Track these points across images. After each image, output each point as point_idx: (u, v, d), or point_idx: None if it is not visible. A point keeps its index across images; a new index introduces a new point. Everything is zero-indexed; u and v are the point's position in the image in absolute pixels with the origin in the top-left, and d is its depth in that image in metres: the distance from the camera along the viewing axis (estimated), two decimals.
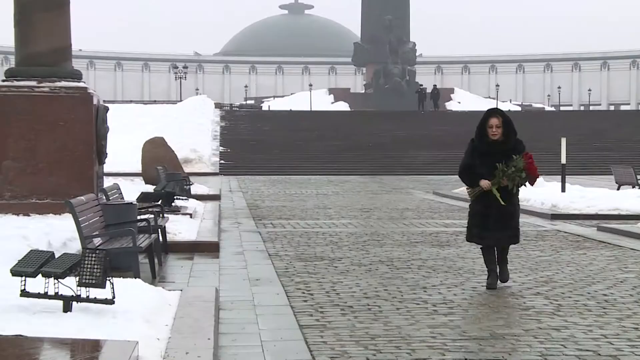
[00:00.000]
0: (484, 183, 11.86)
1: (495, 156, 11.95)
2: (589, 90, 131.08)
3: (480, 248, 12.78)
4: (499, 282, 12.50)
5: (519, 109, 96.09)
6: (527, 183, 12.20)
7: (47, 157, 20.73)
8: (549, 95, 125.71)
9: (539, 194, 27.41)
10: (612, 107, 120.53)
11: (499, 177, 11.68)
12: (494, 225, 12.18)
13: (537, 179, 12.47)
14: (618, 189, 31.33)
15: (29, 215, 18.50)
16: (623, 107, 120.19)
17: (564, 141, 29.56)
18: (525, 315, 11.09)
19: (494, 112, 12.54)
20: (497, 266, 12.51)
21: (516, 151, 11.92)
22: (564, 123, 64.05)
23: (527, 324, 10.55)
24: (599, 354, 9.04)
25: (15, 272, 9.52)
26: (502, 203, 11.80)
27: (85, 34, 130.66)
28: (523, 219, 24.20)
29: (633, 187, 30.93)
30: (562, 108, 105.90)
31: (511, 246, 17.35)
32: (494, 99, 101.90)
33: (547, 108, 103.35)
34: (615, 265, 15.68)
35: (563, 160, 29.19)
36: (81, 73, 22.99)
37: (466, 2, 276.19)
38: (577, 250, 17.84)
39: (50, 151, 20.81)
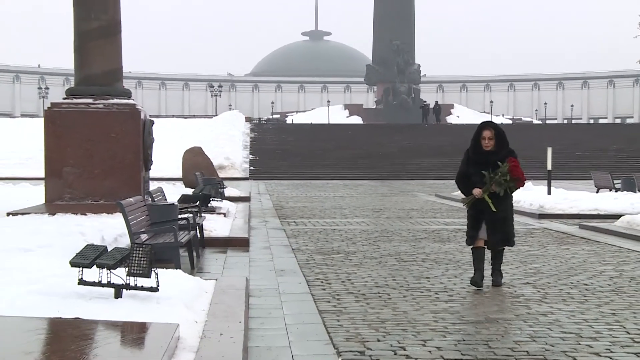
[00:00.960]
0: (476, 191, 11.50)
1: (488, 165, 11.44)
2: (572, 106, 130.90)
3: (471, 248, 12.22)
4: (492, 285, 11.96)
5: (510, 122, 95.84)
6: (515, 187, 11.61)
7: (101, 164, 20.84)
8: (536, 110, 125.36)
9: (528, 196, 27.37)
10: (591, 121, 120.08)
11: (488, 184, 11.32)
12: (488, 229, 11.70)
13: (525, 182, 11.94)
14: (597, 192, 31.23)
15: (85, 215, 18.55)
16: (601, 121, 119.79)
17: (549, 150, 29.53)
18: (516, 302, 11.08)
19: (487, 124, 12.07)
20: (492, 268, 12.02)
21: (505, 160, 11.45)
22: (550, 134, 63.81)
23: (517, 310, 10.55)
24: (581, 336, 9.07)
25: (73, 264, 9.60)
26: (494, 209, 11.38)
27: (134, 57, 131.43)
28: (515, 218, 24.05)
29: (610, 190, 30.83)
30: (548, 121, 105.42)
31: None
32: (488, 113, 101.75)
33: (535, 121, 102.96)
34: (594, 258, 15.63)
35: (549, 167, 29.13)
36: (130, 92, 23.10)
37: (464, 27, 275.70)
38: (561, 245, 17.80)
39: (104, 159, 20.91)
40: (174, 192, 24.45)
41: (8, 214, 19.38)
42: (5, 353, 6.54)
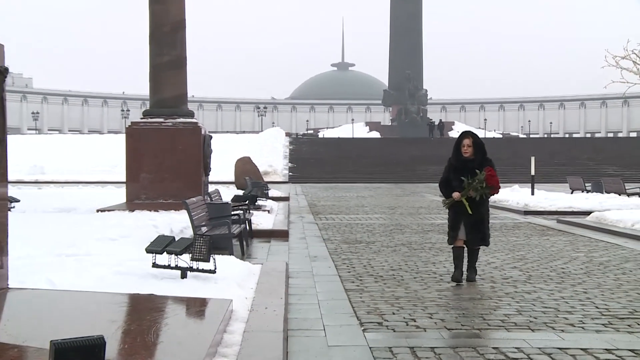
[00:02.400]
0: (455, 195, 10.55)
1: (466, 171, 10.45)
2: (550, 123, 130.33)
3: (452, 247, 11.12)
4: (465, 281, 10.84)
5: (500, 136, 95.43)
6: (492, 194, 10.68)
7: (170, 171, 20.98)
8: (522, 127, 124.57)
9: (515, 196, 27.28)
10: (567, 135, 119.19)
11: (466, 189, 10.52)
12: (466, 229, 10.68)
13: (499, 190, 10.96)
14: (571, 193, 31.02)
15: (157, 211, 18.68)
16: (575, 135, 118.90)
17: (532, 159, 29.42)
18: (505, 283, 10.99)
19: (467, 133, 11.01)
20: (465, 266, 10.92)
21: (482, 167, 10.43)
22: (533, 146, 63.41)
23: (506, 289, 10.47)
24: (558, 310, 9.01)
25: (148, 250, 9.70)
26: (470, 212, 10.46)
27: (196, 83, 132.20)
28: (505, 214, 24.27)
29: (582, 192, 30.65)
30: (531, 135, 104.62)
31: (495, 233, 17.30)
32: (483, 129, 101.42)
33: (521, 135, 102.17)
34: (570, 247, 15.50)
35: (532, 172, 29.02)
36: (193, 112, 23.26)
37: (463, 58, 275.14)
38: (542, 236, 17.66)
39: (172, 166, 21.05)
40: (228, 193, 24.52)
41: (97, 211, 19.63)
42: (95, 321, 6.59)
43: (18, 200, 20.20)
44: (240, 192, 24.82)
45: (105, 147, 57.42)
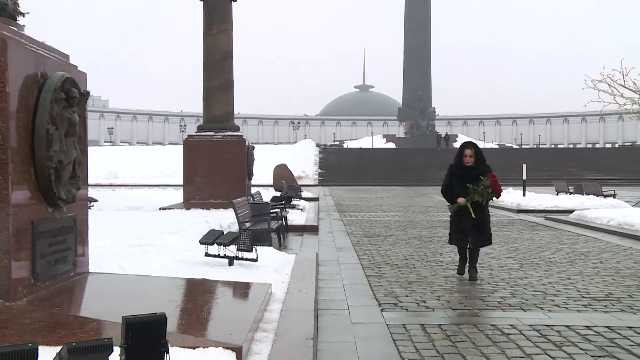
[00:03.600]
0: (461, 200, 9.84)
1: (469, 178, 9.83)
2: (539, 135, 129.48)
3: (457, 248, 10.43)
4: (468, 279, 10.00)
5: (497, 147, 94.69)
6: (493, 197, 9.98)
7: (219, 176, 21.12)
8: (515, 139, 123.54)
9: (510, 197, 27.08)
10: (553, 146, 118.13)
11: (471, 195, 9.88)
12: (471, 231, 9.91)
13: (501, 193, 10.28)
14: (557, 194, 30.72)
15: (209, 209, 18.79)
16: (560, 146, 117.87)
17: (524, 166, 29.25)
18: (501, 270, 10.92)
19: (469, 144, 10.29)
20: (469, 265, 10.14)
21: (484, 174, 9.81)
22: (524, 155, 62.90)
23: (502, 275, 10.40)
24: (546, 293, 8.95)
25: (201, 242, 9.77)
26: (473, 216, 9.78)
27: (241, 101, 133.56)
28: (501, 212, 24.14)
29: (566, 194, 30.41)
30: (523, 146, 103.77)
31: (493, 228, 17.14)
32: (482, 140, 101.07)
33: (514, 146, 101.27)
34: (555, 240, 15.38)
35: (524, 177, 28.83)
36: (239, 127, 23.40)
37: (465, 79, 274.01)
38: (532, 231, 17.54)
39: (221, 172, 21.19)
40: (267, 195, 24.60)
41: (160, 209, 19.80)
42: (158, 300, 6.62)
43: (96, 200, 20.42)
44: (278, 194, 24.87)
45: (166, 156, 57.81)
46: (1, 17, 6.07)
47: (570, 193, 30.24)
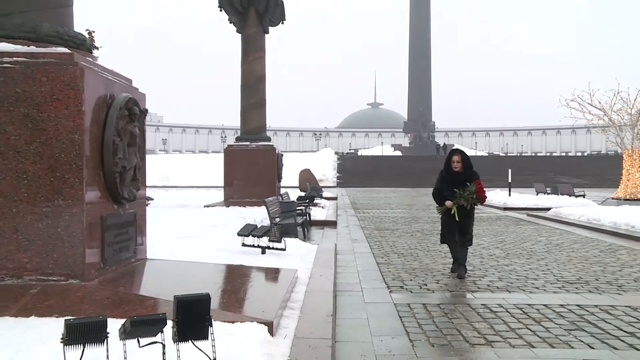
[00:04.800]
0: (448, 203, 8.94)
1: (456, 183, 8.95)
2: (522, 145, 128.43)
3: (449, 246, 9.44)
4: (457, 278, 8.99)
5: (487, 155, 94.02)
6: (477, 203, 9.07)
7: (254, 178, 21.16)
8: (502, 148, 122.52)
9: (497, 197, 26.90)
10: (533, 154, 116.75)
11: (458, 199, 8.82)
12: (457, 232, 9.01)
13: (486, 199, 9.21)
14: (537, 195, 30.39)
15: (245, 207, 18.81)
16: (539, 154, 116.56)
17: (509, 171, 29.17)
18: (490, 258, 10.86)
19: (456, 151, 9.40)
20: (459, 263, 9.22)
21: (471, 179, 8.94)
22: (510, 162, 61.98)
23: (491, 262, 10.35)
24: (527, 277, 8.91)
25: (239, 234, 9.79)
26: (457, 219, 8.88)
27: (272, 115, 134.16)
28: (490, 210, 23.99)
29: (544, 194, 30.14)
30: (508, 154, 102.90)
31: (483, 223, 17.07)
32: (474, 149, 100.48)
33: (501, 154, 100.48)
34: (536, 233, 15.25)
35: (509, 180, 28.66)
36: (270, 138, 23.43)
37: (460, 96, 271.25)
38: (516, 225, 17.41)
39: (255, 176, 21.24)
40: (294, 194, 24.61)
41: (205, 206, 19.85)
42: (203, 282, 6.66)
43: (152, 199, 20.59)
44: (303, 194, 24.89)
45: (209, 162, 58.01)
46: (80, 50, 6.15)
47: (548, 194, 30.01)
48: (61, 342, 3.35)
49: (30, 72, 5.55)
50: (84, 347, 3.37)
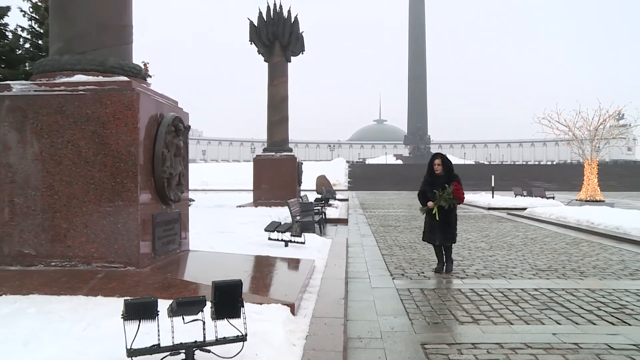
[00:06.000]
0: (430, 204, 8.28)
1: (438, 185, 8.27)
2: (502, 155, 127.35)
3: (433, 245, 8.62)
4: (445, 272, 8.39)
5: (474, 163, 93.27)
6: (457, 203, 8.29)
7: (278, 183, 21.19)
8: (486, 157, 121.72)
9: (482, 199, 26.71)
10: (512, 163, 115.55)
11: (438, 200, 8.19)
12: (438, 231, 8.32)
13: (464, 199, 8.44)
14: (515, 197, 30.10)
15: (271, 207, 18.85)
16: (517, 163, 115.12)
17: (492, 177, 29.01)
18: (477, 250, 10.79)
19: (437, 155, 8.71)
20: (445, 258, 8.56)
21: (450, 181, 8.25)
22: (493, 169, 61.45)
23: (477, 253, 10.28)
24: (507, 266, 8.86)
25: (266, 230, 9.80)
26: (437, 219, 8.27)
27: (299, 126, 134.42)
28: (476, 209, 23.81)
29: (521, 196, 29.87)
30: (492, 163, 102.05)
31: (471, 221, 16.96)
32: (463, 159, 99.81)
33: (485, 163, 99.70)
34: (514, 229, 15.12)
35: (492, 184, 28.45)
36: (292, 149, 23.43)
37: (451, 112, 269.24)
38: (499, 222, 17.27)
39: (279, 181, 21.26)
40: (312, 196, 24.62)
41: (237, 207, 19.91)
42: (237, 270, 6.70)
43: (193, 200, 20.74)
44: (319, 196, 24.90)
45: (241, 170, 58.22)
46: (137, 78, 6.27)
47: (524, 196, 29.79)
48: (122, 317, 3.42)
49: (98, 97, 5.68)
50: (139, 323, 3.43)
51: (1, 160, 5.71)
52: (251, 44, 22.38)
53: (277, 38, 21.99)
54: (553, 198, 27.91)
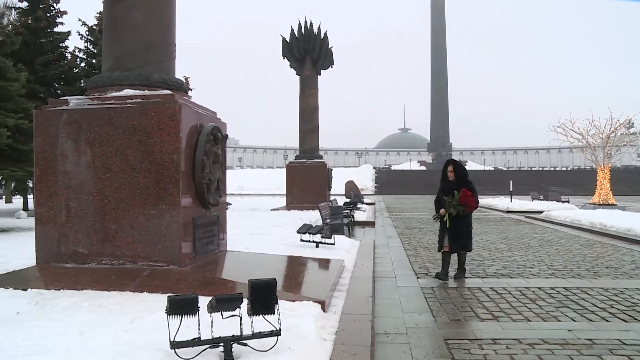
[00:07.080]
0: (441, 211, 7.69)
1: (451, 192, 7.61)
2: (520, 161, 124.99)
3: (441, 252, 7.81)
4: (452, 278, 7.62)
5: (493, 169, 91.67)
6: (465, 210, 7.56)
7: (309, 188, 21.16)
8: (505, 164, 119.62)
9: (501, 203, 26.30)
10: (529, 169, 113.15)
11: (448, 207, 7.57)
12: (450, 238, 7.66)
13: (474, 206, 7.59)
14: (532, 201, 29.50)
15: (302, 210, 18.84)
16: (534, 169, 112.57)
17: (511, 182, 28.52)
18: (496, 251, 10.58)
19: (449, 161, 8.09)
20: (458, 265, 7.93)
21: (461, 188, 7.58)
22: (511, 175, 60.27)
23: (496, 254, 10.08)
24: (525, 266, 8.68)
25: (298, 232, 9.79)
26: (447, 226, 7.67)
27: (328, 134, 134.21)
28: (495, 213, 23.36)
29: (538, 200, 29.27)
30: (510, 169, 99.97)
31: (490, 224, 16.65)
32: (483, 165, 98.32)
33: (504, 169, 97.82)
34: (532, 232, 14.77)
35: (511, 189, 27.96)
36: (322, 156, 23.42)
37: (471, 120, 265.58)
38: (517, 225, 16.91)
39: (310, 186, 21.24)
40: (341, 200, 24.57)
41: (271, 210, 19.99)
42: (271, 269, 6.71)
43: (231, 204, 20.89)
44: (348, 200, 24.85)
45: (274, 176, 58.62)
46: (179, 91, 6.37)
47: (541, 200, 29.25)
48: (165, 312, 3.45)
49: (143, 109, 5.78)
50: (181, 317, 3.45)
51: (59, 167, 5.88)
52: (284, 58, 22.53)
53: (307, 53, 22.08)
54: (568, 202, 27.44)
